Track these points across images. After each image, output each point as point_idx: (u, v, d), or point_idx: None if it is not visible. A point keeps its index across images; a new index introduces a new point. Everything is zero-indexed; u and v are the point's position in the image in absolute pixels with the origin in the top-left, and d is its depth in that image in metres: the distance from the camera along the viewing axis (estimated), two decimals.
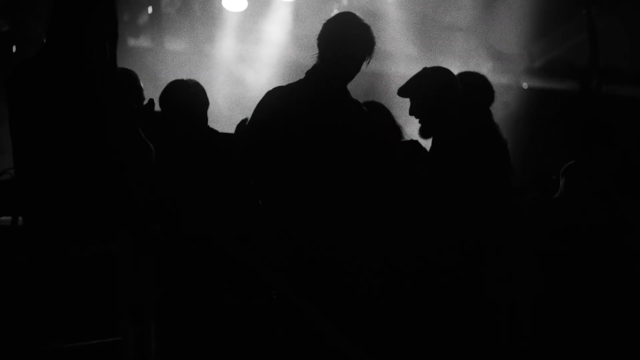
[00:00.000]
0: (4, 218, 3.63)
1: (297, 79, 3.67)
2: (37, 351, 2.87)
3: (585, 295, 4.25)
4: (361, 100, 3.83)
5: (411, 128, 4.38)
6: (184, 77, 4.40)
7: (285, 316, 3.88)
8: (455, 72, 4.42)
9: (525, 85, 8.67)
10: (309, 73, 3.66)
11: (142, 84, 4.36)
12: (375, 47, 3.60)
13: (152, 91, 5.25)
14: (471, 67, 7.93)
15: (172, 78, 4.36)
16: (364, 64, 3.61)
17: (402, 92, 4.05)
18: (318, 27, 3.63)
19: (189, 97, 4.29)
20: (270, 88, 3.65)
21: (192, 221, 4.14)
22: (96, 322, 2.97)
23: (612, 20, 7.09)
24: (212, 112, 4.41)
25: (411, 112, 4.05)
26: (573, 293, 4.29)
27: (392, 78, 4.08)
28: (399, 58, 7.78)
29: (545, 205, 4.57)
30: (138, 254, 2.96)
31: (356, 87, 3.74)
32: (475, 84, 4.36)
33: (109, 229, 2.98)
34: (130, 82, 4.21)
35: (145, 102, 3.48)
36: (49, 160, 3.05)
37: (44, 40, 3.17)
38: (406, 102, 4.10)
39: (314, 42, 3.62)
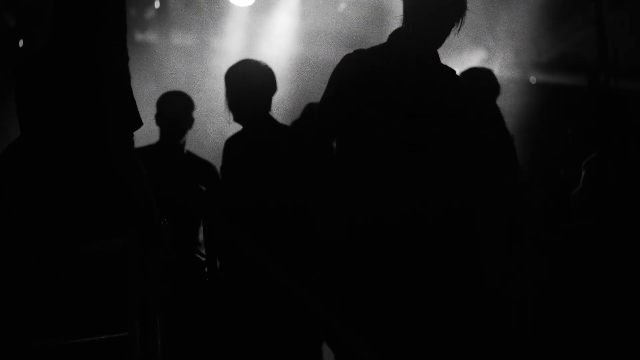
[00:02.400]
0: None
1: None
2: (43, 348, 2.88)
3: (590, 291, 4.24)
4: None
5: None
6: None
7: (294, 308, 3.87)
8: (462, 66, 4.41)
9: (533, 79, 8.64)
10: (392, 37, 3.37)
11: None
12: (466, 13, 3.36)
13: (157, 86, 5.24)
14: (477, 61, 7.93)
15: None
16: (454, 30, 3.35)
17: None
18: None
19: (247, 76, 4.18)
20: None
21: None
22: (102, 318, 2.98)
23: (621, 15, 7.06)
24: (219, 105, 4.40)
25: None
26: (577, 288, 4.28)
27: None
28: None
29: (557, 201, 4.54)
30: (144, 249, 2.96)
31: None
32: (480, 80, 4.36)
33: (114, 227, 2.98)
34: None
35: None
36: (51, 155, 3.05)
37: (49, 35, 3.18)
38: None
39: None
